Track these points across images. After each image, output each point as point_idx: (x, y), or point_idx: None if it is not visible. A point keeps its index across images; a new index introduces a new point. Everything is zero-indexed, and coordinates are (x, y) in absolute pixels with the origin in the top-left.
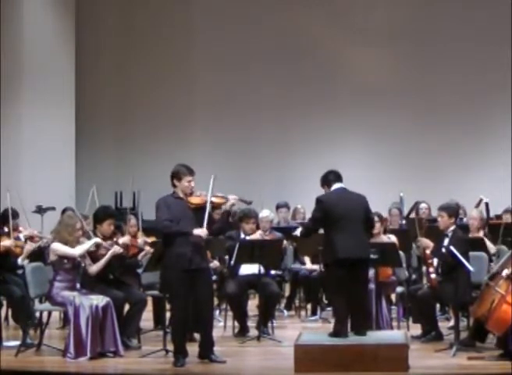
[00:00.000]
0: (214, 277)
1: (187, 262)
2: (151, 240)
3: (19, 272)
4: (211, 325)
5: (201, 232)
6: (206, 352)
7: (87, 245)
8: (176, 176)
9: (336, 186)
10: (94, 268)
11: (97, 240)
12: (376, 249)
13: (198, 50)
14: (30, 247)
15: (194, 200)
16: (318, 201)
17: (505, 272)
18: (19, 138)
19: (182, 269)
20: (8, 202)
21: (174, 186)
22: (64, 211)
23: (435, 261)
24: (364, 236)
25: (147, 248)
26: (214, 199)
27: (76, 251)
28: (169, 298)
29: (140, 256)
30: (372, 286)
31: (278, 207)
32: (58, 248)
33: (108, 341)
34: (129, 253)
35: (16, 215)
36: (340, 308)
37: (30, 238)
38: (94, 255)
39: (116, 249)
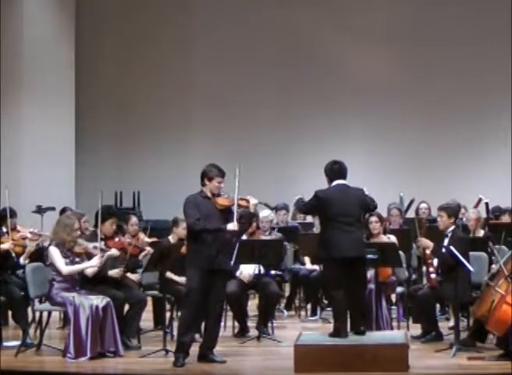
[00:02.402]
0: None
1: (211, 261)
2: (151, 240)
3: (19, 272)
4: (219, 324)
5: (234, 226)
6: (206, 353)
7: (79, 267)
8: (207, 175)
9: (336, 182)
10: (89, 270)
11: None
12: (376, 249)
13: (198, 50)
14: (31, 248)
15: (222, 201)
16: (315, 195)
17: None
18: (19, 138)
19: (204, 268)
20: (6, 200)
21: (203, 185)
22: (63, 211)
23: (435, 261)
24: (360, 234)
25: (148, 248)
26: (239, 202)
27: (65, 269)
28: (185, 294)
29: (140, 256)
30: (372, 286)
31: (277, 209)
32: (53, 255)
33: (108, 341)
34: (127, 254)
35: (14, 214)
36: (338, 305)
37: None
38: (91, 256)
39: (113, 252)
